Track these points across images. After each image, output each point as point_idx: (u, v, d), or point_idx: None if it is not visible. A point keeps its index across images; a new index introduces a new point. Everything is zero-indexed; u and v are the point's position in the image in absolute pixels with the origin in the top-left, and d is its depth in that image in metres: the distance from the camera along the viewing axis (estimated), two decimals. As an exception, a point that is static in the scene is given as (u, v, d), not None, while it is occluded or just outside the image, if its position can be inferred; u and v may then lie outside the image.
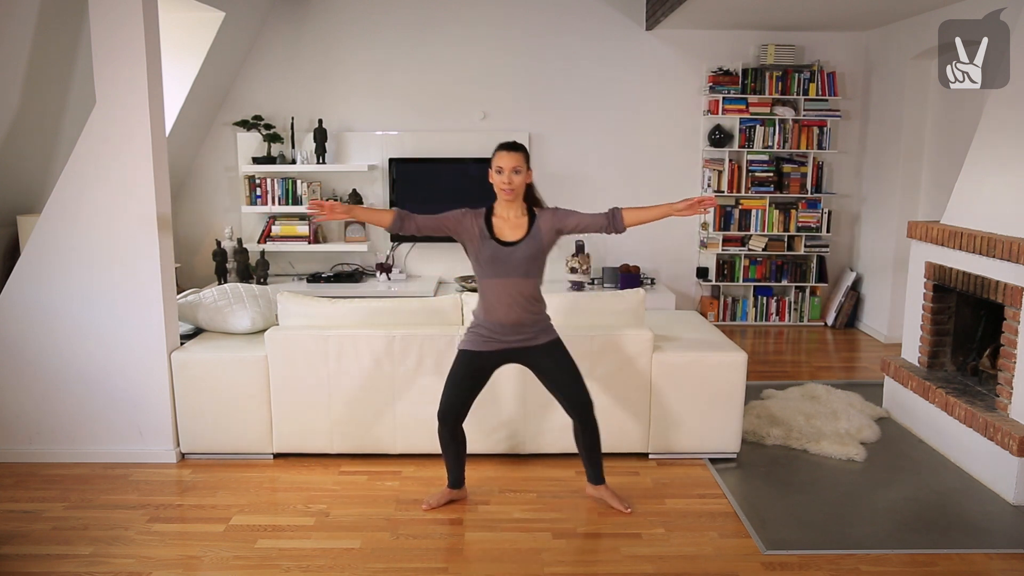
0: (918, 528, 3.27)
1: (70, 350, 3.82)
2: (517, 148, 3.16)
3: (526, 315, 3.18)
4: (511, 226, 3.18)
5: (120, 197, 3.71)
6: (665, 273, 6.80)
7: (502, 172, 3.12)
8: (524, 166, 3.15)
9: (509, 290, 3.14)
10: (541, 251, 3.19)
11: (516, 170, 3.12)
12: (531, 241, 3.16)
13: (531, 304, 3.19)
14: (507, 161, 3.12)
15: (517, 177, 3.13)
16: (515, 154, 3.14)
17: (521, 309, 3.16)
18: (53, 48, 4.32)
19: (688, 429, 3.85)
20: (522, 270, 3.14)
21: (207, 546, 3.12)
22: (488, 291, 3.17)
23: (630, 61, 6.49)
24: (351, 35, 6.38)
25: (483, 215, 3.21)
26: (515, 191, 3.14)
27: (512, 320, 3.16)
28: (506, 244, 3.14)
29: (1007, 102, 3.93)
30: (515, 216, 3.20)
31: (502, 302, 3.15)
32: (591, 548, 3.11)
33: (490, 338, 3.19)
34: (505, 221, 3.19)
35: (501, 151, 3.15)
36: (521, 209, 3.22)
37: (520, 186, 3.15)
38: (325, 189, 6.50)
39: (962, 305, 4.25)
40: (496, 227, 3.18)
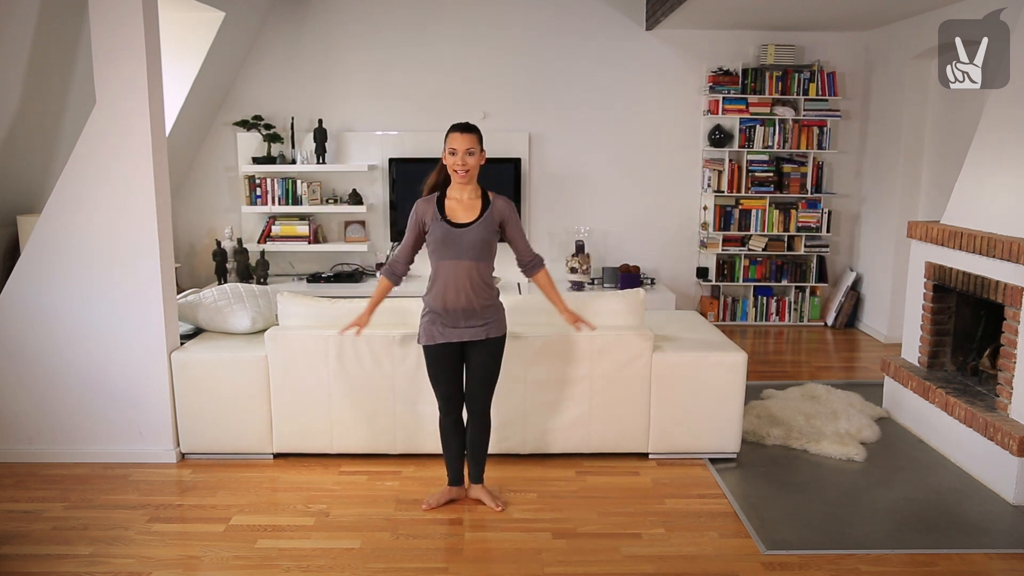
0: (918, 528, 3.27)
1: (70, 350, 3.82)
2: (470, 129, 3.17)
3: (476, 300, 3.18)
4: (464, 208, 3.19)
5: (120, 197, 3.72)
6: (665, 273, 6.80)
7: (456, 153, 3.13)
8: (478, 147, 3.16)
9: (461, 272, 3.14)
10: (493, 235, 3.20)
11: (470, 151, 3.13)
12: (484, 223, 3.16)
13: (482, 289, 3.19)
14: (460, 142, 3.13)
15: (471, 158, 3.14)
16: (468, 135, 3.14)
17: (472, 293, 3.16)
18: (53, 48, 4.32)
19: (688, 429, 3.85)
20: (474, 252, 3.14)
21: (207, 546, 3.12)
22: (440, 273, 3.18)
23: (630, 61, 6.49)
24: (351, 35, 6.38)
25: (435, 199, 3.22)
26: (469, 172, 3.15)
27: (462, 305, 3.16)
28: (458, 226, 3.15)
29: (1007, 102, 3.93)
30: (468, 198, 3.21)
31: (453, 285, 3.15)
32: (591, 548, 3.11)
33: (443, 328, 3.20)
34: (458, 203, 3.20)
35: (455, 132, 3.16)
36: (475, 191, 3.22)
37: (474, 167, 3.16)
38: (325, 189, 6.50)
39: (962, 305, 4.25)
40: (448, 208, 3.19)
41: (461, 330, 3.19)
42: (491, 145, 6.36)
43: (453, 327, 3.19)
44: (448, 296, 3.16)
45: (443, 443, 3.41)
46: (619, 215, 6.69)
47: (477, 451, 3.41)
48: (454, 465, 3.44)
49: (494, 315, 3.25)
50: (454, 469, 3.45)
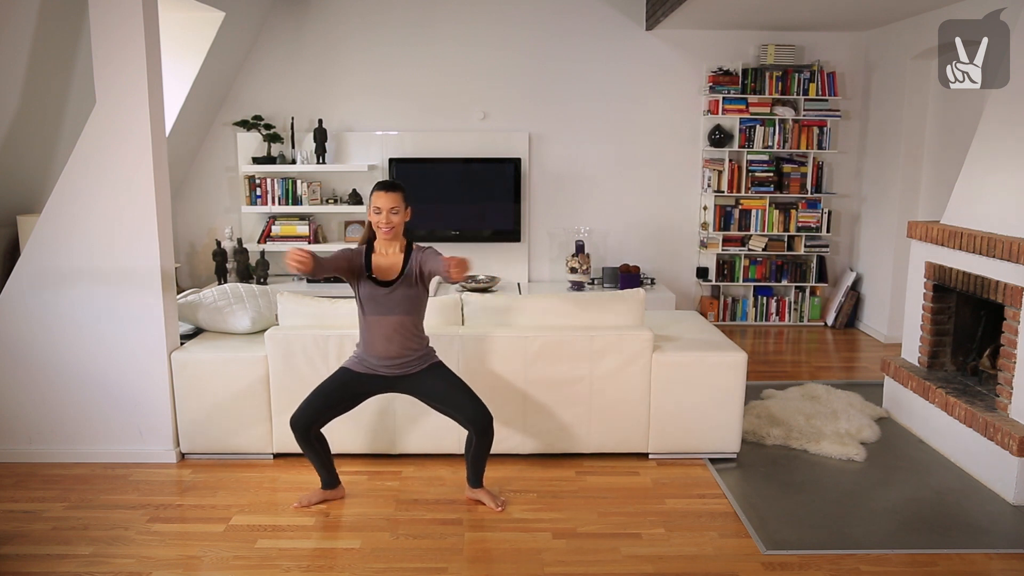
0: (918, 528, 3.27)
1: (70, 350, 3.82)
2: (394, 188, 3.24)
3: (405, 351, 3.25)
4: (388, 263, 3.25)
5: (120, 197, 3.72)
6: (665, 273, 6.80)
7: (380, 212, 3.20)
8: (401, 206, 3.22)
9: (387, 327, 3.21)
10: (418, 289, 3.24)
11: (394, 210, 3.20)
12: (405, 281, 3.21)
13: (410, 340, 3.26)
14: (384, 201, 3.20)
15: (395, 217, 3.21)
16: (392, 194, 3.21)
17: (399, 345, 3.23)
18: (53, 48, 4.32)
19: (688, 429, 3.85)
20: (402, 308, 3.21)
21: (207, 546, 3.12)
22: (367, 327, 3.25)
23: (630, 61, 6.49)
24: (351, 35, 6.38)
25: (363, 252, 3.27)
26: (393, 229, 3.22)
27: (391, 355, 3.24)
28: (382, 284, 3.21)
29: (1007, 102, 3.93)
30: (393, 253, 3.27)
31: (380, 337, 3.22)
32: (591, 548, 3.11)
33: (369, 365, 3.26)
34: (384, 258, 3.27)
35: (379, 191, 3.23)
36: (399, 246, 3.28)
37: (398, 224, 3.23)
38: (325, 189, 6.50)
39: (962, 305, 4.25)
40: (375, 263, 3.25)
41: (389, 368, 3.26)
42: (491, 145, 6.43)
43: (382, 370, 3.26)
44: (378, 348, 3.24)
45: (305, 453, 3.39)
46: (619, 215, 6.69)
47: (477, 463, 3.41)
48: (322, 472, 3.44)
49: (425, 357, 3.32)
50: (323, 476, 3.44)
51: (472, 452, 3.36)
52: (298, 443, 3.36)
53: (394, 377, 3.29)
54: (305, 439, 3.32)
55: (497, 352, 3.73)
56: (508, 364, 3.73)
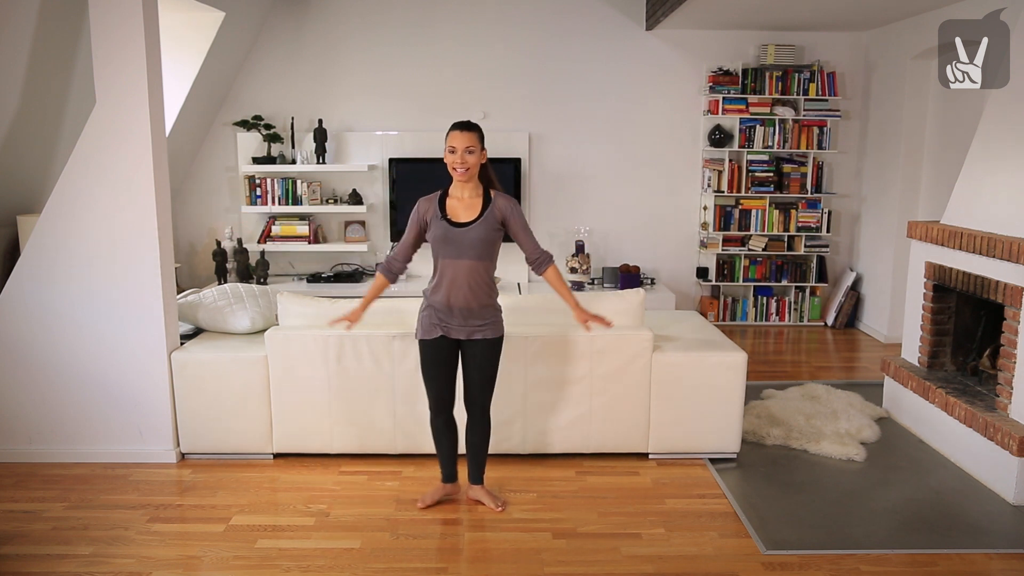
0: (918, 528, 3.27)
1: (70, 350, 3.82)
2: (470, 128, 3.17)
3: (474, 300, 3.17)
4: (464, 206, 3.19)
5: (120, 197, 3.71)
6: (665, 273, 6.80)
7: (455, 151, 3.13)
8: (478, 146, 3.15)
9: (462, 271, 3.14)
10: (494, 234, 3.19)
11: (469, 150, 3.12)
12: (485, 223, 3.16)
13: (481, 288, 3.18)
14: (460, 141, 3.13)
15: (470, 157, 3.13)
16: (468, 133, 3.14)
17: (470, 292, 3.16)
18: (53, 48, 4.32)
19: (688, 429, 3.85)
20: (475, 251, 3.14)
21: (207, 546, 3.12)
22: (440, 270, 3.19)
23: (630, 61, 6.49)
24: (351, 35, 6.38)
25: (437, 197, 3.23)
26: (469, 170, 3.14)
27: (460, 303, 3.16)
28: (459, 225, 3.15)
29: (1007, 102, 3.93)
30: (469, 196, 3.20)
31: (453, 282, 3.15)
32: (591, 548, 3.11)
33: (438, 323, 3.20)
34: (459, 201, 3.20)
35: (454, 130, 3.15)
36: (475, 190, 3.22)
37: (474, 165, 3.16)
38: (325, 189, 6.50)
39: (962, 305, 4.25)
40: (449, 207, 3.19)
41: (458, 328, 3.20)
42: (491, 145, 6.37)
43: (450, 324, 3.20)
44: (448, 293, 3.16)
45: (435, 442, 3.42)
46: (619, 215, 6.69)
47: (477, 452, 3.41)
48: (447, 464, 3.44)
49: (492, 316, 3.25)
50: (447, 467, 3.45)
51: (468, 438, 3.37)
52: (436, 432, 3.36)
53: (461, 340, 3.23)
54: (447, 423, 3.34)
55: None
56: (508, 364, 3.72)
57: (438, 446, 3.42)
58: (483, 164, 3.22)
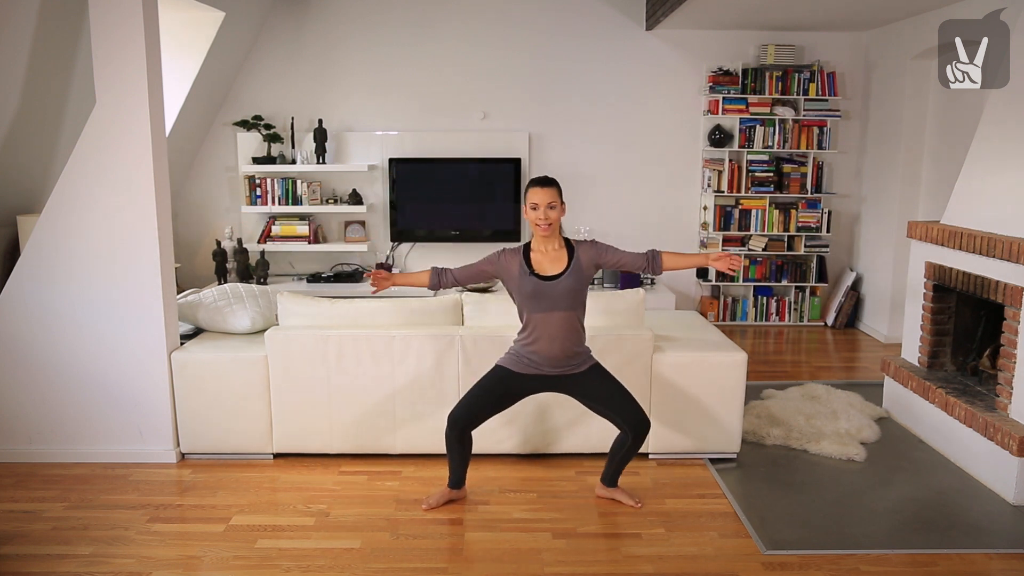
0: (918, 528, 3.27)
1: (70, 350, 3.82)
2: (550, 183, 3.19)
3: (570, 347, 3.22)
4: (550, 260, 3.22)
5: (120, 197, 3.71)
6: (665, 273, 6.79)
7: (537, 208, 3.15)
8: (559, 200, 3.19)
9: (554, 323, 3.17)
10: (583, 283, 3.22)
11: (551, 205, 3.16)
12: (573, 274, 3.19)
13: (575, 335, 3.23)
14: (542, 197, 3.15)
15: (553, 212, 3.16)
16: (549, 189, 3.17)
17: (566, 341, 3.20)
18: (53, 48, 4.32)
19: (688, 429, 3.85)
20: (566, 303, 3.17)
21: (207, 546, 3.12)
22: (533, 325, 3.21)
23: (630, 61, 6.49)
24: (351, 35, 6.38)
25: (521, 251, 3.24)
26: (552, 226, 3.18)
27: (555, 353, 3.20)
28: (547, 279, 3.17)
29: (1007, 102, 3.93)
30: (553, 250, 3.23)
31: (547, 335, 3.18)
32: (591, 548, 3.11)
33: (531, 364, 3.23)
34: (544, 255, 3.23)
35: (534, 187, 3.18)
36: (559, 242, 3.25)
37: (556, 220, 3.19)
38: (325, 189, 6.50)
39: (962, 305, 4.25)
40: (535, 262, 3.22)
41: (551, 370, 3.23)
42: (491, 145, 6.42)
43: (542, 367, 3.23)
44: (542, 345, 3.19)
45: (448, 450, 3.37)
46: (619, 215, 6.69)
47: (625, 463, 3.42)
48: (457, 472, 3.43)
49: (585, 358, 3.29)
50: (456, 475, 3.43)
51: (623, 454, 3.35)
52: (449, 441, 3.33)
53: (556, 377, 3.25)
54: (460, 438, 3.31)
55: (497, 352, 3.71)
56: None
57: (449, 454, 3.39)
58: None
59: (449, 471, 3.44)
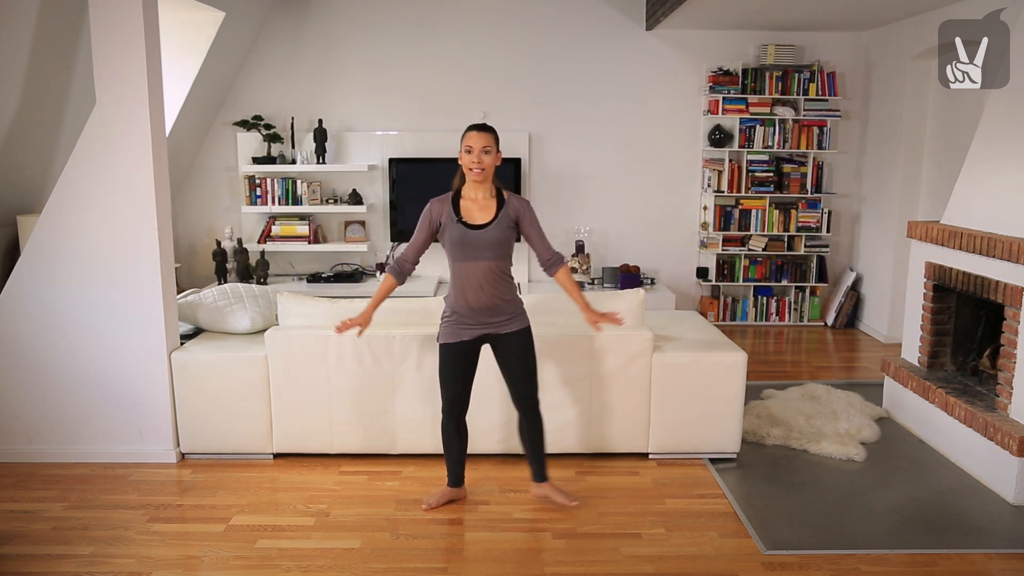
0: (918, 528, 3.27)
1: (70, 350, 3.82)
2: (487, 128, 3.19)
3: (496, 298, 3.19)
4: (479, 207, 3.20)
5: (120, 197, 3.72)
6: (665, 273, 6.80)
7: (472, 151, 3.14)
8: (494, 146, 3.17)
9: (479, 272, 3.15)
10: (510, 233, 3.20)
11: (486, 149, 3.14)
12: (501, 223, 3.17)
13: (501, 286, 3.20)
14: (477, 140, 3.13)
15: (487, 157, 3.14)
16: (485, 134, 3.16)
17: (492, 292, 3.17)
18: (53, 48, 4.32)
19: (688, 429, 3.85)
20: (492, 252, 3.15)
21: (207, 546, 3.12)
22: (459, 274, 3.19)
23: (630, 61, 6.49)
24: (351, 35, 6.38)
25: (450, 199, 3.22)
26: (485, 171, 3.15)
27: (482, 304, 3.18)
28: (475, 227, 3.15)
29: (1007, 102, 3.93)
30: (483, 198, 3.21)
31: (472, 285, 3.16)
32: (591, 548, 3.11)
33: (463, 323, 3.21)
34: (474, 202, 3.21)
35: (471, 131, 3.17)
36: (490, 191, 3.23)
37: (490, 166, 3.17)
38: (325, 189, 6.50)
39: (962, 305, 4.25)
40: (464, 209, 3.20)
41: (485, 326, 3.21)
42: (491, 145, 6.40)
43: (477, 324, 3.21)
44: (470, 295, 3.17)
45: (444, 445, 3.41)
46: (619, 215, 6.69)
47: (536, 450, 3.40)
48: (454, 468, 3.44)
49: (516, 309, 3.27)
50: (454, 472, 3.45)
51: (527, 436, 3.36)
52: (446, 435, 3.35)
53: (487, 334, 3.24)
54: (457, 427, 3.33)
55: (497, 352, 3.73)
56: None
57: (447, 449, 3.41)
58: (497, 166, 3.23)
59: (447, 469, 3.45)
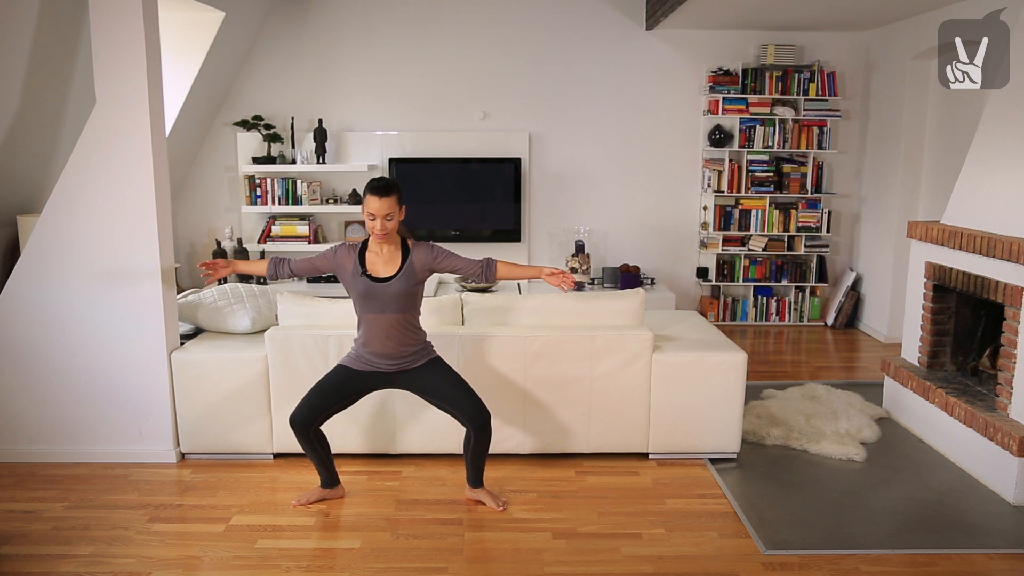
0: (918, 528, 3.27)
1: (70, 350, 3.82)
2: (388, 192, 3.11)
3: (403, 347, 3.24)
4: (384, 261, 3.22)
5: (120, 197, 3.71)
6: (665, 273, 6.80)
7: (375, 219, 3.12)
8: (396, 209, 3.15)
9: (385, 324, 3.19)
10: (415, 285, 3.23)
11: (388, 217, 3.13)
12: (404, 276, 3.19)
13: (407, 336, 3.24)
14: (379, 207, 3.10)
15: (389, 223, 3.14)
16: (387, 200, 3.10)
17: (398, 341, 3.22)
18: (53, 48, 4.31)
19: (688, 429, 3.85)
20: (396, 305, 3.19)
21: (207, 546, 3.12)
22: (365, 324, 3.24)
23: (630, 61, 6.49)
24: (351, 35, 6.38)
25: (357, 249, 3.25)
26: (388, 235, 3.17)
27: (388, 351, 3.23)
28: (379, 280, 3.18)
29: (1007, 102, 3.93)
30: (388, 252, 3.24)
31: (378, 335, 3.20)
32: (591, 548, 3.11)
33: (368, 364, 3.25)
34: (379, 256, 3.23)
35: (372, 196, 3.11)
36: (395, 244, 3.25)
37: (393, 228, 3.17)
38: (325, 189, 6.50)
39: (962, 305, 4.25)
40: (369, 262, 3.22)
41: (391, 365, 3.25)
42: (491, 145, 6.42)
43: (377, 363, 3.25)
44: (375, 345, 3.22)
45: (305, 451, 3.40)
46: (619, 215, 6.69)
47: (477, 461, 3.41)
48: (322, 471, 3.44)
49: (423, 352, 3.31)
50: (324, 474, 3.45)
51: (471, 450, 3.36)
52: (298, 441, 3.35)
53: (392, 373, 3.28)
54: (305, 437, 3.32)
55: (497, 352, 3.73)
56: (508, 364, 3.73)
57: (309, 454, 3.40)
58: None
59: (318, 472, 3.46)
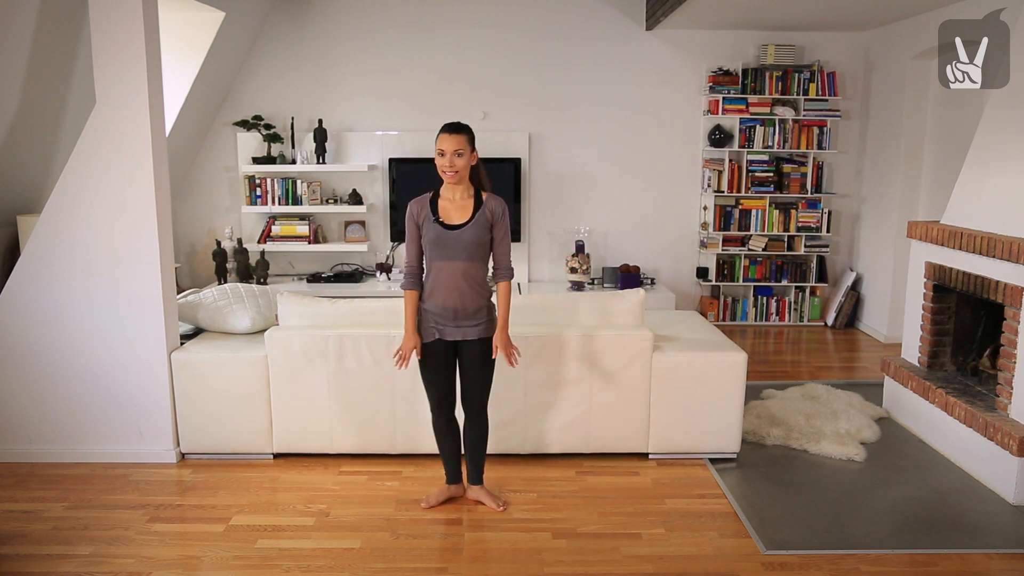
0: (918, 528, 3.27)
1: (70, 350, 3.82)
2: (460, 130, 3.14)
3: (469, 300, 3.17)
4: (456, 208, 3.18)
5: (120, 197, 3.72)
6: (665, 273, 6.80)
7: (444, 155, 3.11)
8: (467, 148, 3.13)
9: (454, 273, 3.14)
10: (486, 234, 3.18)
11: (458, 152, 3.10)
12: (477, 224, 3.15)
13: (476, 290, 3.19)
14: (448, 144, 3.11)
15: (459, 160, 3.11)
16: (457, 136, 3.12)
17: (466, 294, 3.16)
18: (53, 48, 4.31)
19: (688, 429, 3.85)
20: (467, 253, 3.14)
21: (207, 546, 3.12)
22: (434, 273, 3.18)
23: (630, 61, 6.49)
24: (351, 35, 6.38)
25: (429, 198, 3.21)
26: (458, 173, 3.13)
27: (454, 303, 3.16)
28: (451, 227, 3.14)
29: (1007, 102, 3.93)
30: (460, 198, 3.19)
31: (446, 284, 3.15)
32: (591, 548, 3.11)
33: (434, 326, 3.20)
34: (451, 203, 3.19)
35: (443, 133, 3.13)
36: (467, 191, 3.21)
37: (464, 168, 3.14)
38: (325, 189, 6.50)
39: (962, 305, 4.25)
40: (441, 209, 3.18)
41: (454, 329, 3.20)
42: (491, 145, 6.41)
43: (446, 326, 3.20)
44: (442, 295, 3.17)
45: (438, 443, 3.42)
46: (619, 215, 6.69)
47: (476, 453, 3.41)
48: (450, 464, 3.45)
49: (486, 316, 3.25)
50: (451, 468, 3.45)
51: (468, 439, 3.36)
52: (438, 432, 3.37)
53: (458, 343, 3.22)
54: (448, 422, 3.34)
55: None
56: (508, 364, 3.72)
57: (441, 446, 3.43)
58: (474, 165, 3.20)
59: (444, 466, 3.46)
